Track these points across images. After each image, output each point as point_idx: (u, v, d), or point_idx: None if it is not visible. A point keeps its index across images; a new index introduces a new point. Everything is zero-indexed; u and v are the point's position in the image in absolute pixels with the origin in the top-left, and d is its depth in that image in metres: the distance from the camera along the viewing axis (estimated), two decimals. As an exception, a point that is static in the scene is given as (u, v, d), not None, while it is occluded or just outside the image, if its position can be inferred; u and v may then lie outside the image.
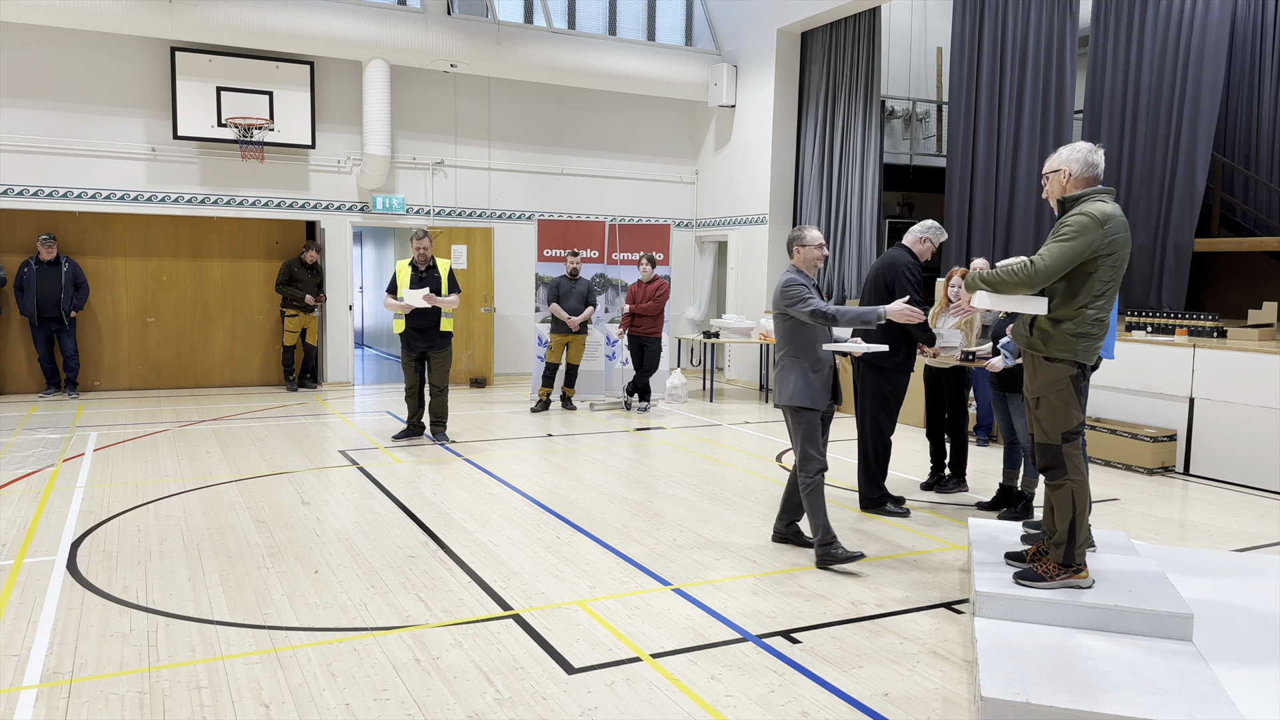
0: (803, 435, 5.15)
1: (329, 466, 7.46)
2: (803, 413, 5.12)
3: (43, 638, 4.02)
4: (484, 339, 12.53)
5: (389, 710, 3.43)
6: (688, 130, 14.32)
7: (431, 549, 5.36)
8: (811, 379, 5.09)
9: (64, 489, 6.61)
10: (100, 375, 11.50)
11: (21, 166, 10.65)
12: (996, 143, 10.35)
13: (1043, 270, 3.99)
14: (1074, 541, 4.08)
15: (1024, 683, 3.34)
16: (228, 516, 5.96)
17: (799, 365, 5.12)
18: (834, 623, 4.33)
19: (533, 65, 12.35)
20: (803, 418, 5.13)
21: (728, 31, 13.48)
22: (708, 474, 7.43)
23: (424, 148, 12.60)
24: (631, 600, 4.58)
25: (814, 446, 5.14)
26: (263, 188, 11.77)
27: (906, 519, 6.15)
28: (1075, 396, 4.10)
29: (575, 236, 11.41)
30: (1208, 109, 8.51)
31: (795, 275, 5.14)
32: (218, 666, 3.77)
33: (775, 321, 5.27)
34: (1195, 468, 7.71)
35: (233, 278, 12.10)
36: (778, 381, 5.21)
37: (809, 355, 5.13)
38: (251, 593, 4.61)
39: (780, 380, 5.19)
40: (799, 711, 3.47)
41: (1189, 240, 8.68)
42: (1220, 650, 3.81)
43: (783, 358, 5.20)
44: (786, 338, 5.18)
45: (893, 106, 13.79)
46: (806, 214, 12.64)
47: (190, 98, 11.07)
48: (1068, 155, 4.17)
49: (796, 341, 5.14)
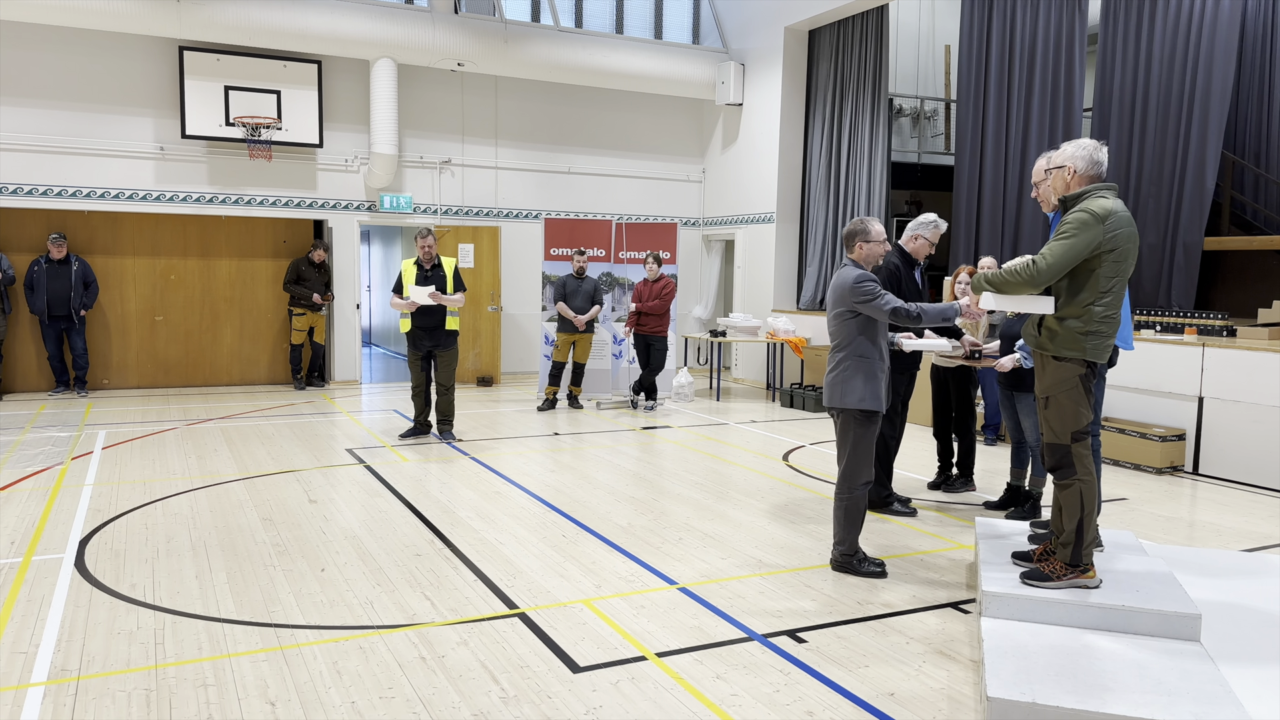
0: (856, 442, 4.86)
1: (336, 465, 7.48)
2: (867, 418, 4.84)
3: (50, 635, 4.04)
4: (491, 338, 12.54)
5: (395, 708, 3.43)
6: (695, 129, 14.31)
7: (438, 547, 5.37)
8: (878, 380, 4.82)
9: (72, 487, 6.63)
10: (109, 373, 11.54)
11: (30, 165, 10.70)
12: (1005, 141, 10.32)
13: (1045, 269, 3.98)
14: (1081, 541, 4.07)
15: (1030, 683, 3.33)
16: (235, 515, 5.98)
17: (865, 366, 4.82)
18: (840, 622, 4.32)
19: (540, 64, 12.36)
20: (865, 423, 4.84)
21: (735, 29, 13.46)
22: (714, 473, 7.43)
23: (431, 147, 12.62)
24: (637, 599, 4.58)
25: (868, 457, 4.87)
26: (270, 187, 11.80)
27: (913, 518, 6.13)
28: (1085, 396, 4.08)
29: (582, 235, 11.41)
30: (1218, 106, 8.46)
31: (861, 271, 4.86)
32: (224, 664, 3.78)
33: (836, 321, 4.93)
34: (1204, 467, 7.67)
35: (240, 277, 12.13)
36: (837, 384, 4.88)
37: (874, 355, 4.82)
38: (258, 591, 4.62)
39: (841, 383, 4.86)
40: (804, 711, 3.46)
41: (1198, 238, 8.64)
42: (1228, 651, 3.79)
43: (845, 358, 4.87)
44: (851, 337, 4.86)
45: (900, 105, 13.75)
46: (814, 212, 12.62)
47: (198, 97, 11.10)
48: (1072, 152, 4.15)
49: (862, 341, 4.82)
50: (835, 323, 4.95)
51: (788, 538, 5.66)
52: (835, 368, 4.94)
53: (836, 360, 4.94)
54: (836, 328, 4.95)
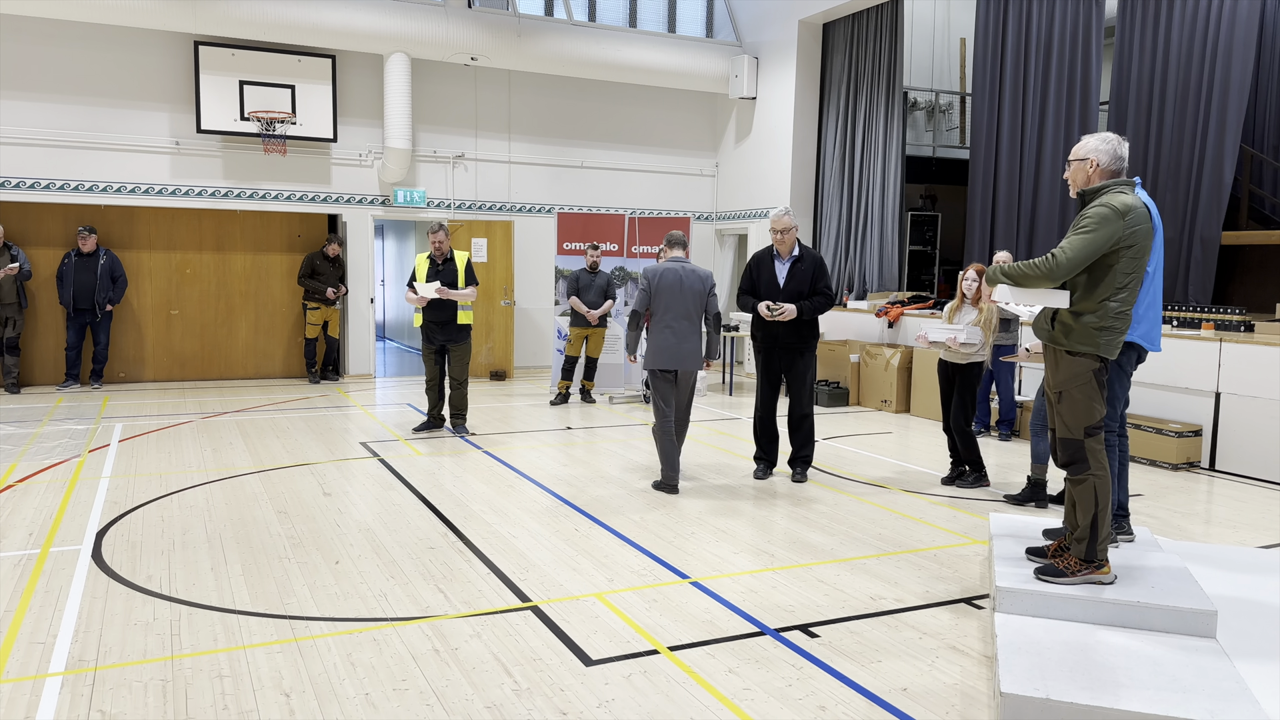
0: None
1: (350, 458, 7.51)
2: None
3: (68, 626, 4.08)
4: (504, 332, 12.56)
5: (408, 700, 3.45)
6: (708, 123, 14.28)
7: (451, 540, 5.39)
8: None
9: (89, 479, 6.69)
10: (125, 367, 11.62)
11: (47, 160, 10.77)
12: (1020, 135, 10.25)
13: (1064, 263, 3.95)
14: (1096, 537, 4.04)
15: (1044, 679, 3.32)
16: (250, 507, 6.02)
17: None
18: (852, 617, 4.31)
19: (553, 58, 12.35)
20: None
21: (749, 23, 13.42)
22: (727, 467, 7.42)
23: (445, 141, 12.64)
24: (649, 593, 4.58)
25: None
26: (285, 181, 11.84)
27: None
28: (1098, 390, 4.05)
29: (595, 229, 11.41)
30: (1236, 100, 8.38)
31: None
32: (239, 655, 3.80)
33: None
34: (1221, 463, 7.62)
35: (255, 271, 12.19)
36: None
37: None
38: (273, 583, 4.65)
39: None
40: (817, 706, 3.46)
41: (1216, 233, 8.56)
42: (1244, 647, 3.76)
43: None
44: None
45: (915, 98, 13.69)
46: (828, 207, 12.59)
47: (213, 92, 11.14)
48: (1096, 145, 4.13)
49: None
50: None
51: (800, 532, 5.66)
52: None
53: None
54: None
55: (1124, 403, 4.86)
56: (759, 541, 5.47)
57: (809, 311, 6.67)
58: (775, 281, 6.80)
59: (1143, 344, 4.65)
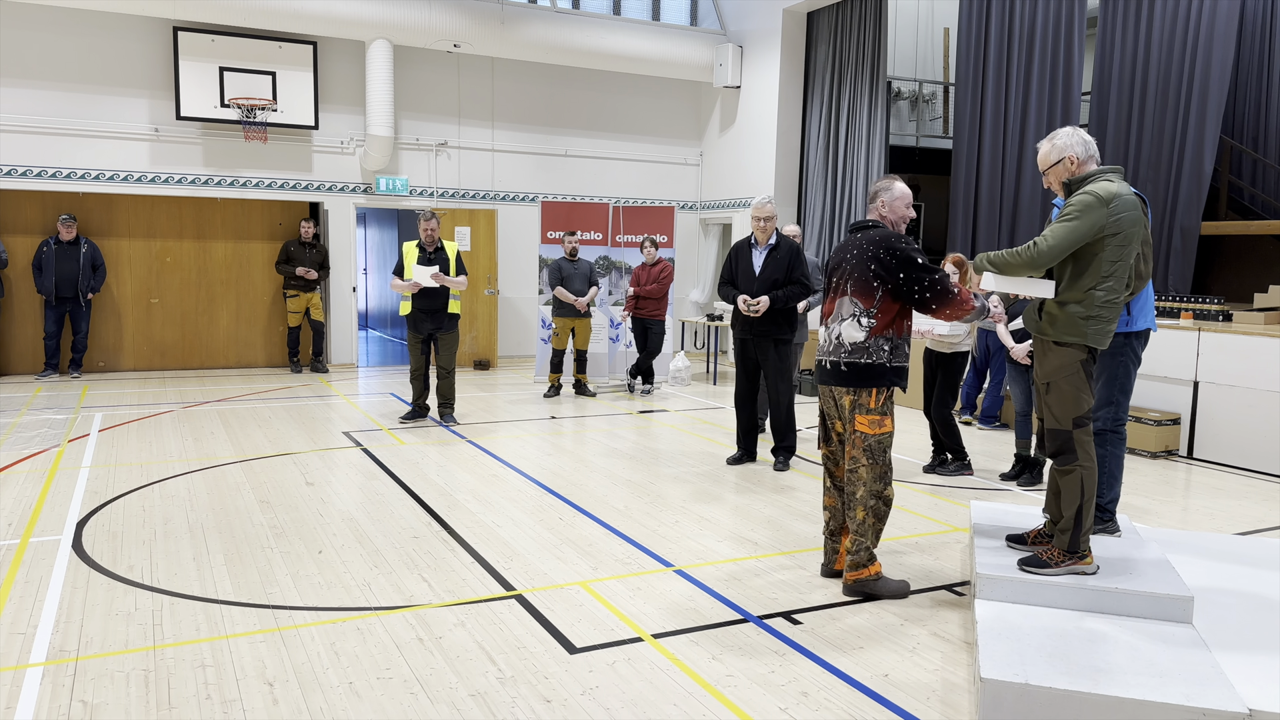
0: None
1: (333, 448, 7.49)
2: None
3: (49, 616, 4.05)
4: (487, 321, 12.52)
5: (392, 689, 3.45)
6: (692, 111, 14.25)
7: (435, 530, 5.38)
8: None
9: (69, 469, 6.64)
10: (105, 356, 11.52)
11: (24, 147, 10.64)
12: (1003, 125, 10.29)
13: (1046, 251, 3.95)
14: (1080, 528, 4.06)
15: (1023, 664, 3.35)
16: (232, 497, 5.99)
17: None
18: (835, 604, 4.34)
19: (537, 45, 12.29)
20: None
21: (733, 11, 13.39)
22: (710, 456, 7.44)
23: (427, 129, 12.56)
24: (633, 581, 4.60)
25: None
26: (266, 169, 11.75)
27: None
28: (1085, 381, 4.06)
29: (579, 218, 11.37)
30: (1216, 91, 8.44)
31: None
32: (222, 645, 3.79)
33: None
34: (1199, 451, 7.70)
35: (236, 259, 12.10)
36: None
37: None
38: (255, 572, 4.63)
39: None
40: (799, 692, 3.48)
41: (1196, 223, 8.63)
42: (1220, 633, 3.81)
43: None
44: None
45: (899, 88, 13.69)
46: (812, 196, 12.60)
47: (193, 78, 11.03)
48: (1066, 142, 4.11)
49: None
50: None
51: (783, 520, 5.69)
52: None
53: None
54: None
55: (1130, 392, 4.93)
56: (742, 529, 5.49)
57: (782, 301, 6.72)
58: (751, 270, 6.86)
59: (1150, 326, 4.84)
